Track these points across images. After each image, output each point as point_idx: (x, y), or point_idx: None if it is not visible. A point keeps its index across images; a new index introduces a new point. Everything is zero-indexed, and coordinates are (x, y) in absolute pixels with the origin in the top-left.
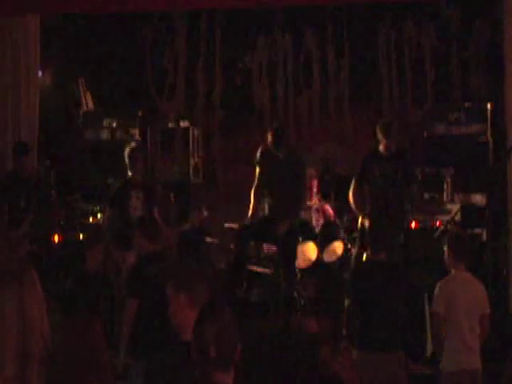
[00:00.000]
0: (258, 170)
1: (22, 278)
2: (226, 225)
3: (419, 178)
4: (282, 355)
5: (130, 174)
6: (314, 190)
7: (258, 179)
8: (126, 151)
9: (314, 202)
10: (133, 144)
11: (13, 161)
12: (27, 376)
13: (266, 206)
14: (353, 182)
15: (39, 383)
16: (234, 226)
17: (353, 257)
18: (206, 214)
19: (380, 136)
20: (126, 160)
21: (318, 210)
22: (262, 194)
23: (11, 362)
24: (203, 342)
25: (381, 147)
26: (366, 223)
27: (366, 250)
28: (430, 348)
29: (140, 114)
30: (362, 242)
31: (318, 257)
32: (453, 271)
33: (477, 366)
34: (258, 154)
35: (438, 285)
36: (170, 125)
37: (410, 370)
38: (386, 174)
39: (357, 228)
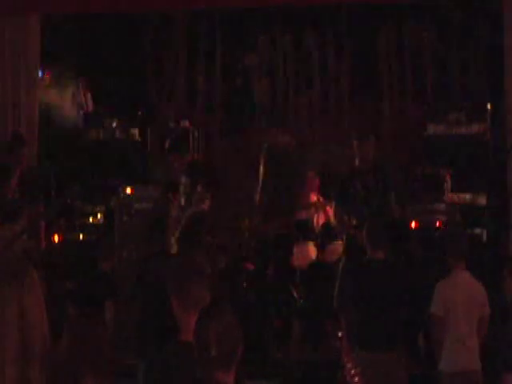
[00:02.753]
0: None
1: (23, 279)
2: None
3: (419, 178)
4: None
5: None
6: (315, 189)
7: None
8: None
9: (314, 202)
10: None
11: (9, 154)
12: (28, 375)
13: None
14: (334, 202)
15: (40, 382)
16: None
17: (340, 266)
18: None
19: (356, 146)
20: None
21: (318, 210)
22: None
23: (12, 361)
24: (204, 342)
25: (357, 163)
26: (355, 233)
27: (352, 259)
28: (422, 346)
29: (140, 113)
30: (349, 251)
31: (317, 257)
32: (452, 271)
33: (476, 367)
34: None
35: (437, 285)
36: (170, 125)
37: (408, 369)
38: (367, 186)
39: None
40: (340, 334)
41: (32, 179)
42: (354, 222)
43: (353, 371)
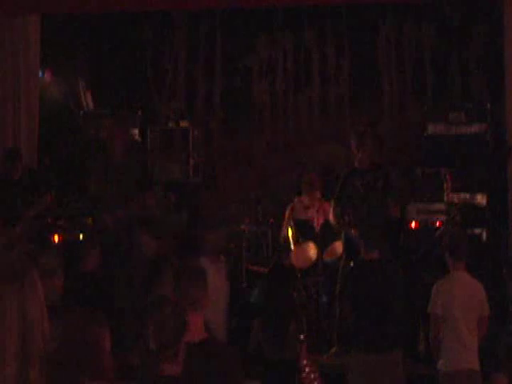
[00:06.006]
0: None
1: (23, 278)
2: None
3: (419, 178)
4: None
5: None
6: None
7: None
8: None
9: (314, 201)
10: None
11: (3, 166)
12: (27, 376)
13: None
14: (332, 201)
15: (40, 382)
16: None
17: (340, 267)
18: None
19: (354, 145)
20: None
21: (318, 210)
22: None
23: (11, 361)
24: (144, 336)
25: (356, 163)
26: (352, 233)
27: (351, 259)
28: (422, 346)
29: (140, 113)
30: (348, 252)
31: (317, 257)
32: (452, 271)
33: (475, 366)
34: None
35: (435, 286)
36: (170, 125)
37: (408, 369)
38: (366, 183)
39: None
40: (302, 337)
41: (32, 179)
42: (354, 222)
43: (312, 375)
